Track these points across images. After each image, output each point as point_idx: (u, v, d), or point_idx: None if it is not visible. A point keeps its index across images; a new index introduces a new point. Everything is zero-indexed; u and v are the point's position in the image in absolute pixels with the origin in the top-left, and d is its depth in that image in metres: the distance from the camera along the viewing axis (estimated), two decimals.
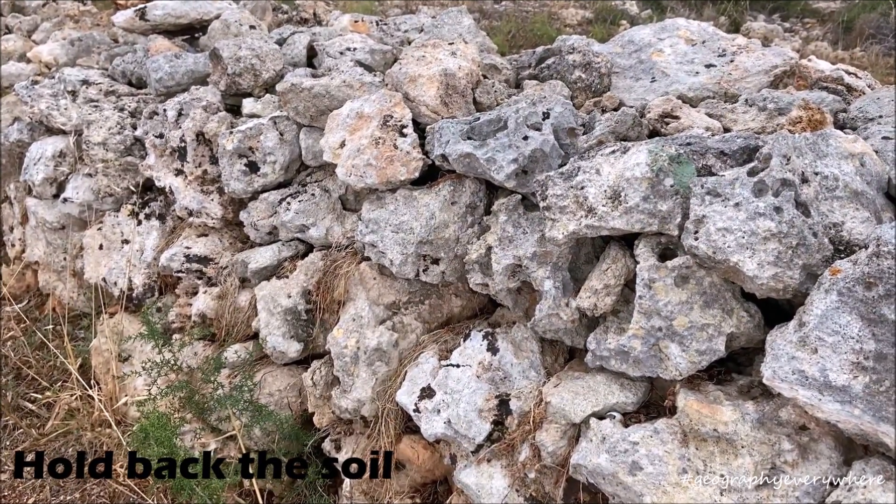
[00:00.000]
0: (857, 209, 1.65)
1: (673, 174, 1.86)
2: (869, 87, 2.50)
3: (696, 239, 1.73)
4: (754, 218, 1.66)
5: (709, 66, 2.72)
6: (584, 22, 9.76)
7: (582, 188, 1.98)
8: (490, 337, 2.34)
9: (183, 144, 3.05)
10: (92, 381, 3.39)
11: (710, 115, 2.40)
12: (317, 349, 2.79)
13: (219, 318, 2.99)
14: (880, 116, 2.06)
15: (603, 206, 1.93)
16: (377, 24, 4.00)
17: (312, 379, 2.68)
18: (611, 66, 2.81)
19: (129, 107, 3.58)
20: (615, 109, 2.67)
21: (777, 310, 1.85)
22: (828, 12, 11.52)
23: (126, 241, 3.40)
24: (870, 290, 1.45)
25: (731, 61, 2.70)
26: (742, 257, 1.67)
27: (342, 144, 2.59)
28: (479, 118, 2.40)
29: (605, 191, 1.94)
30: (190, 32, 4.37)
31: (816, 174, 1.68)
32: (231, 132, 2.87)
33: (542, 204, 2.06)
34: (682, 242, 1.79)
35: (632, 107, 2.64)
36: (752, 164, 1.78)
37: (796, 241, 1.63)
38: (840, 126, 2.20)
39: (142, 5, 4.29)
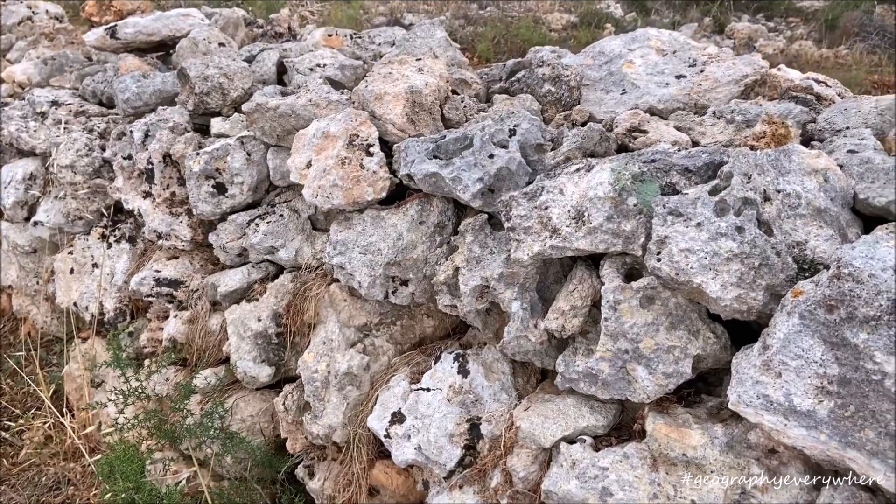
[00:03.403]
0: (820, 227, 1.62)
1: (636, 193, 1.83)
2: (839, 95, 2.48)
3: (659, 260, 1.70)
4: (716, 238, 1.63)
5: (679, 76, 2.69)
6: (569, 26, 9.76)
7: (546, 208, 1.95)
8: (461, 359, 2.30)
9: (150, 166, 3.01)
10: (64, 409, 3.33)
11: (678, 129, 2.37)
12: (289, 372, 2.75)
13: (190, 342, 2.93)
14: (847, 128, 2.03)
15: (567, 226, 1.89)
16: (351, 38, 3.97)
17: (284, 404, 2.63)
18: (580, 79, 2.77)
19: (99, 127, 3.53)
20: (585, 123, 2.64)
21: (745, 329, 1.81)
22: (811, 11, 11.56)
23: (97, 265, 3.34)
24: (831, 314, 1.41)
25: (702, 71, 2.68)
26: (705, 278, 1.63)
27: (309, 165, 2.55)
28: (445, 136, 2.36)
29: (569, 211, 1.91)
30: (163, 49, 4.33)
31: (779, 192, 1.65)
32: (198, 153, 2.83)
33: (506, 225, 2.02)
34: (645, 263, 1.75)
35: (601, 120, 2.61)
36: (714, 182, 1.75)
37: (759, 261, 1.59)
38: (808, 137, 2.17)
39: (113, 23, 4.24)
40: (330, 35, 3.99)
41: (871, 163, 1.77)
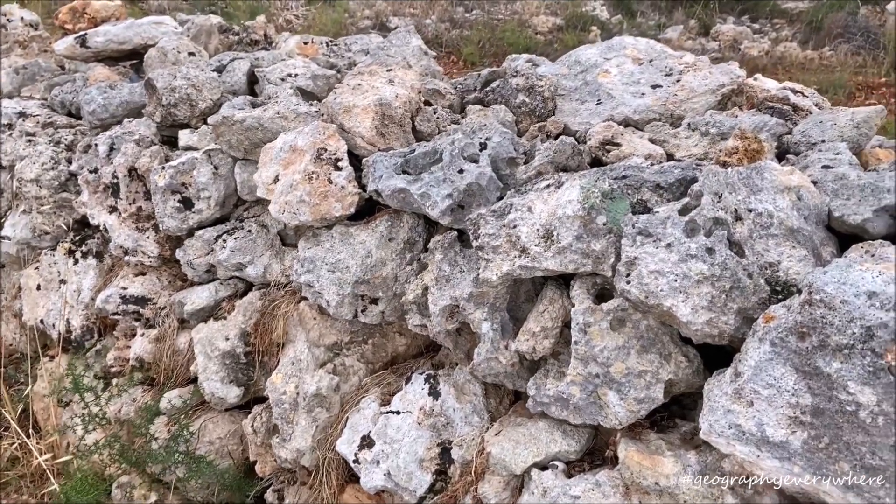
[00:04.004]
0: (793, 247, 1.56)
1: (606, 211, 1.77)
2: (816, 105, 2.43)
3: (629, 282, 1.64)
4: (686, 260, 1.57)
5: (655, 86, 2.64)
6: (555, 29, 9.72)
7: (514, 227, 1.89)
8: (432, 380, 2.23)
9: (115, 181, 2.92)
10: (31, 430, 3.23)
11: (653, 141, 2.31)
12: (259, 392, 2.67)
13: (157, 362, 2.85)
14: (822, 141, 1.99)
15: (536, 245, 1.83)
16: (327, 45, 3.89)
17: (253, 426, 2.55)
18: (555, 90, 2.72)
19: (66, 140, 3.44)
20: (559, 135, 2.58)
21: (719, 351, 1.75)
22: (796, 12, 11.59)
23: (63, 281, 3.25)
24: (803, 341, 1.36)
25: (678, 81, 2.63)
26: (675, 301, 1.57)
27: (276, 179, 2.48)
28: (414, 150, 2.30)
29: (538, 230, 1.84)
30: (136, 58, 4.23)
31: (750, 211, 1.60)
32: (163, 168, 2.74)
33: (475, 244, 1.96)
34: (615, 285, 1.69)
35: (576, 131, 2.56)
36: (685, 201, 1.70)
37: (730, 283, 1.54)
38: (784, 150, 2.12)
39: (83, 32, 4.15)
40: (306, 43, 3.91)
41: (846, 179, 1.72)
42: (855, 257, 1.45)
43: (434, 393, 2.19)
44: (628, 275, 1.65)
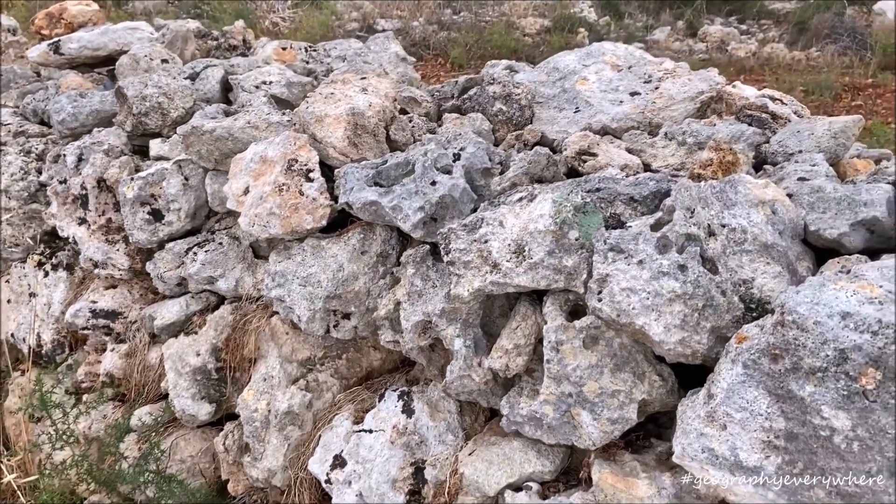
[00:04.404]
0: (767, 263, 1.52)
1: (578, 226, 1.72)
2: (795, 113, 2.39)
3: (600, 300, 1.59)
4: (658, 277, 1.53)
5: (633, 93, 2.59)
6: (543, 31, 9.69)
7: (486, 242, 1.84)
8: (405, 397, 2.18)
9: (84, 192, 2.85)
10: (1, 447, 3.15)
11: (630, 151, 2.27)
12: (232, 409, 2.60)
13: (127, 377, 2.78)
14: (800, 151, 1.95)
15: (507, 261, 1.78)
16: (306, 51, 3.83)
17: (224, 444, 2.49)
18: (532, 97, 2.67)
19: (37, 149, 3.37)
20: (536, 143, 2.54)
21: (696, 368, 1.71)
22: (783, 13, 11.61)
23: (34, 295, 3.17)
24: (776, 363, 1.31)
25: (657, 88, 2.58)
26: (648, 320, 1.53)
27: (246, 191, 2.42)
28: (386, 161, 2.25)
29: (509, 245, 1.80)
30: (111, 64, 4.15)
31: (724, 226, 1.55)
32: (132, 179, 2.68)
33: (445, 258, 1.91)
34: (587, 302, 1.65)
35: (554, 140, 2.51)
36: (657, 216, 1.65)
37: (702, 302, 1.49)
38: (762, 160, 2.08)
39: (56, 38, 4.07)
40: (284, 48, 3.85)
41: (822, 192, 1.68)
42: (829, 275, 1.41)
43: (407, 410, 2.13)
44: (600, 292, 1.60)
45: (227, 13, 9.45)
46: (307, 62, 3.65)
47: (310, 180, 2.33)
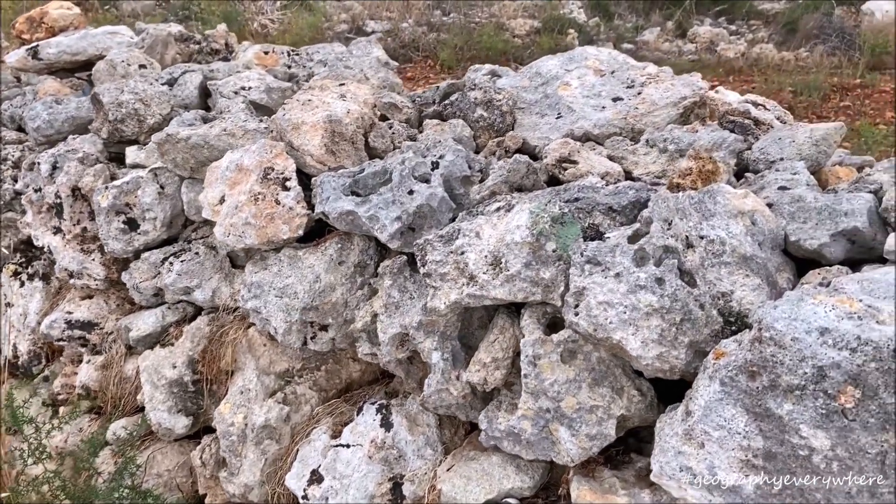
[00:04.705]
0: (746, 276, 1.49)
1: (555, 237, 1.69)
2: (778, 118, 2.37)
3: (577, 314, 1.55)
4: (635, 291, 1.49)
5: (616, 99, 2.56)
6: (533, 32, 9.65)
7: (462, 253, 1.80)
8: (384, 410, 2.13)
9: (59, 201, 2.80)
10: None
11: (611, 158, 2.24)
12: (209, 421, 2.55)
13: (103, 390, 2.73)
14: (781, 159, 1.92)
15: (484, 273, 1.74)
16: (289, 55, 3.78)
17: (202, 458, 2.44)
18: (514, 103, 2.63)
19: (13, 156, 3.31)
20: (518, 150, 2.50)
21: (677, 381, 1.68)
22: (772, 13, 11.63)
23: (10, 304, 3.11)
24: (754, 381, 1.28)
25: (639, 93, 2.55)
26: (625, 334, 1.49)
27: (222, 200, 2.37)
28: (363, 170, 2.21)
29: (486, 256, 1.76)
30: (90, 69, 4.10)
31: (702, 238, 1.52)
32: (106, 188, 2.63)
33: (422, 270, 1.87)
34: (564, 316, 1.61)
35: (535, 146, 2.48)
36: (635, 227, 1.62)
37: (680, 316, 1.46)
38: (743, 168, 2.05)
39: (35, 43, 4.01)
40: (266, 52, 3.79)
41: (803, 201, 1.64)
42: (808, 289, 1.38)
43: (386, 424, 2.09)
44: (577, 306, 1.56)
45: (215, 15, 9.36)
46: (289, 66, 3.60)
47: (286, 189, 2.28)
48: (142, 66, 3.32)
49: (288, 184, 2.30)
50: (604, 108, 2.54)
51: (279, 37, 8.35)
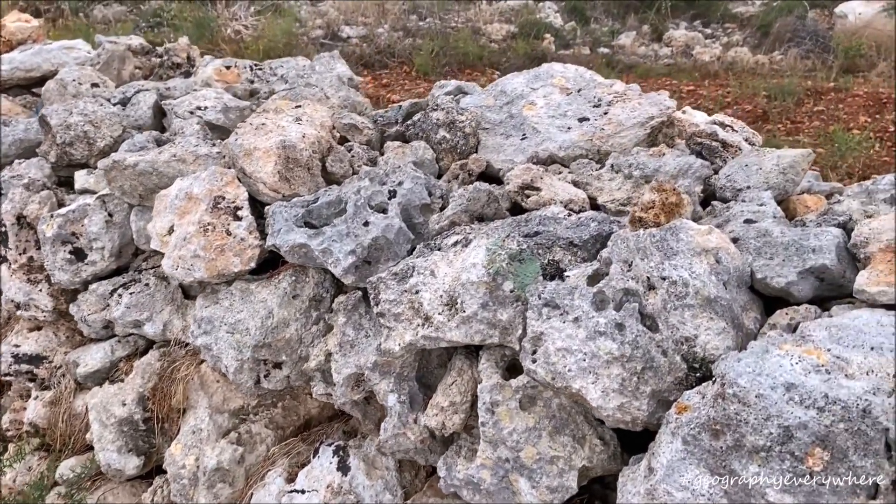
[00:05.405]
0: (711, 319, 1.41)
1: (513, 276, 1.60)
2: (746, 140, 2.31)
3: (535, 361, 1.47)
4: (594, 337, 1.41)
5: (582, 119, 2.48)
6: (509, 37, 9.59)
7: (417, 292, 1.70)
8: (341, 452, 2.03)
9: (3, 229, 2.66)
10: None
11: (576, 184, 2.16)
12: (162, 460, 2.43)
13: (52, 427, 2.59)
14: (748, 187, 1.85)
15: (439, 314, 1.65)
16: (251, 70, 3.66)
17: (153, 501, 2.32)
18: (477, 124, 2.55)
19: None
20: (481, 173, 2.42)
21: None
22: (747, 16, 11.68)
23: None
24: (717, 440, 1.20)
25: (606, 113, 2.48)
26: (585, 383, 1.41)
27: (171, 230, 2.25)
28: (317, 199, 2.11)
29: (441, 296, 1.67)
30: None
31: (664, 279, 1.44)
32: (52, 216, 2.50)
33: (375, 310, 1.77)
34: (521, 362, 1.52)
35: (500, 169, 2.39)
36: (595, 266, 1.54)
37: (642, 364, 1.38)
38: (710, 195, 1.98)
39: None
40: (228, 67, 3.67)
41: (769, 236, 1.57)
42: (774, 337, 1.31)
43: (343, 468, 1.99)
44: (534, 352, 1.48)
45: (187, 21, 9.17)
46: (252, 81, 3.49)
47: (238, 219, 2.18)
48: (94, 85, 3.18)
49: (240, 213, 2.19)
50: (569, 128, 2.46)
51: (252, 43, 8.20)
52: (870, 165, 4.92)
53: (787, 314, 1.48)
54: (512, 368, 1.66)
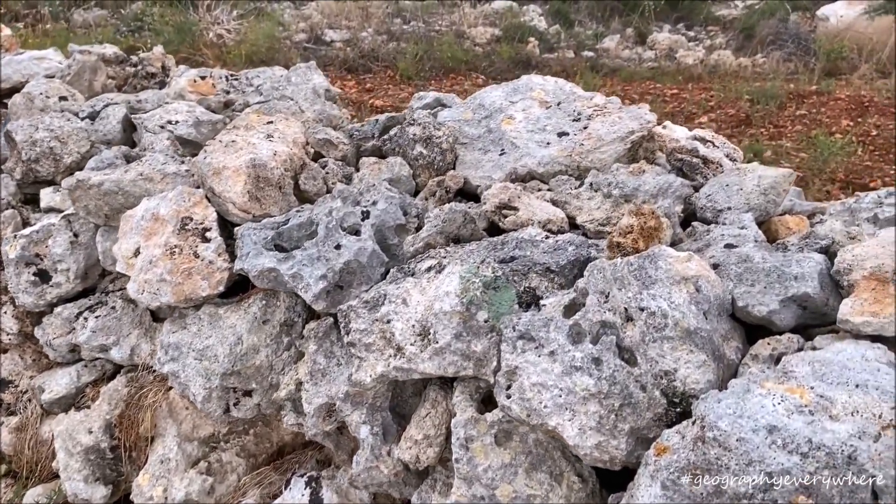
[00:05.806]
0: (691, 352, 1.36)
1: (488, 305, 1.54)
2: (727, 156, 2.26)
3: (509, 397, 1.41)
4: (570, 373, 1.35)
5: (561, 134, 2.43)
6: (493, 40, 9.55)
7: (388, 322, 1.64)
8: (314, 483, 1.97)
9: None
10: None
11: (554, 202, 2.10)
12: (131, 489, 2.35)
13: (18, 454, 2.50)
14: (728, 208, 1.80)
15: (412, 345, 1.59)
16: (227, 80, 3.57)
17: None
18: (455, 140, 2.49)
19: None
20: (459, 190, 2.36)
21: None
22: (730, 19, 11.73)
23: None
24: (697, 485, 1.14)
25: (586, 128, 2.43)
26: (561, 420, 1.35)
27: (137, 252, 2.17)
28: (288, 221, 2.04)
29: (414, 326, 1.60)
30: None
31: (642, 310, 1.39)
32: (15, 237, 2.41)
33: (345, 339, 1.71)
34: (496, 397, 1.46)
35: (477, 185, 2.33)
36: (572, 295, 1.48)
37: (619, 401, 1.32)
38: (690, 214, 1.93)
39: None
40: (203, 77, 3.58)
41: (751, 261, 1.53)
42: (755, 373, 1.26)
43: (315, 500, 1.92)
44: (509, 387, 1.42)
45: (168, 25, 9.05)
46: (228, 92, 3.40)
47: (206, 241, 2.10)
48: (62, 98, 3.09)
49: (208, 234, 2.12)
50: (549, 143, 2.40)
51: (235, 48, 8.09)
52: (853, 170, 4.91)
53: (769, 344, 1.43)
54: (487, 401, 1.60)
